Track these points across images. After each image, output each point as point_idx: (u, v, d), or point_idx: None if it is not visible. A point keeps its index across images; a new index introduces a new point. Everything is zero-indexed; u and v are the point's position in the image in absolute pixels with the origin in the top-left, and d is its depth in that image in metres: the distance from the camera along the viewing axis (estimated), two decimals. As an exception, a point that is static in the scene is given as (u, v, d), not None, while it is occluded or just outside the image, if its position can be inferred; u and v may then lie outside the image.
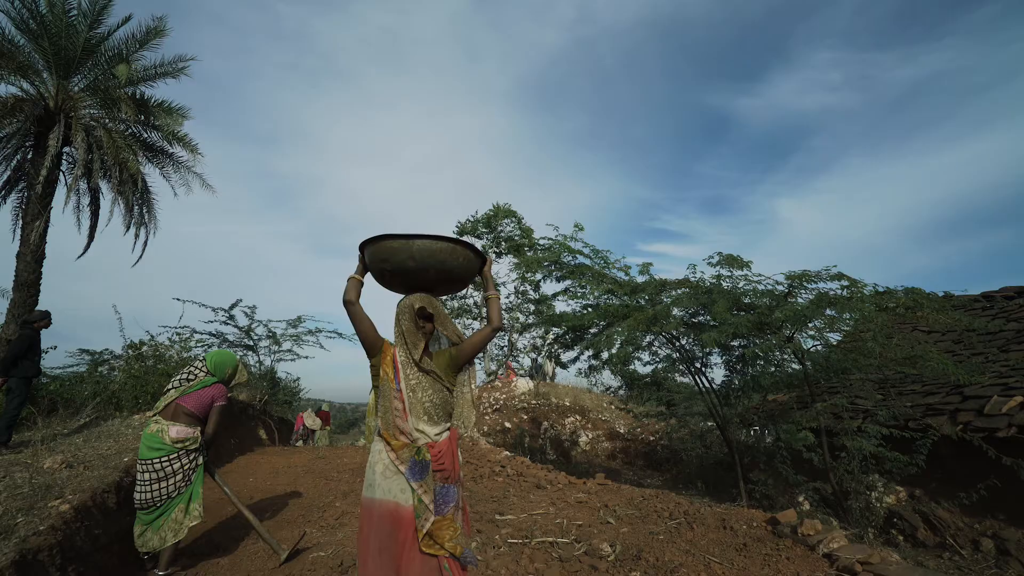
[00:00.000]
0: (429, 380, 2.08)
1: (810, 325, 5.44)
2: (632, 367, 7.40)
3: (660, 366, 7.11)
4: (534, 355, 19.68)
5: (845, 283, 4.94)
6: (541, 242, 7.05)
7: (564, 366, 11.15)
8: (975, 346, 7.51)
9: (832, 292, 5.03)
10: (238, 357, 3.87)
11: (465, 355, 2.17)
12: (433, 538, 1.96)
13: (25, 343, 5.90)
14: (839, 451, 5.67)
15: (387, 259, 2.10)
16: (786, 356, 5.89)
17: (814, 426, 5.50)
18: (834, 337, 6.09)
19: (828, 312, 4.93)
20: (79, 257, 10.00)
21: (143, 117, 9.07)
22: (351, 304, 2.12)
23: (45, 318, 6.19)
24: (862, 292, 4.95)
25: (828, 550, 3.15)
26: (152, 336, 9.48)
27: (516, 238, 18.66)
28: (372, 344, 2.12)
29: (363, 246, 2.17)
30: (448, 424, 2.15)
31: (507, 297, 19.66)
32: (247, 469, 6.89)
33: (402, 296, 2.20)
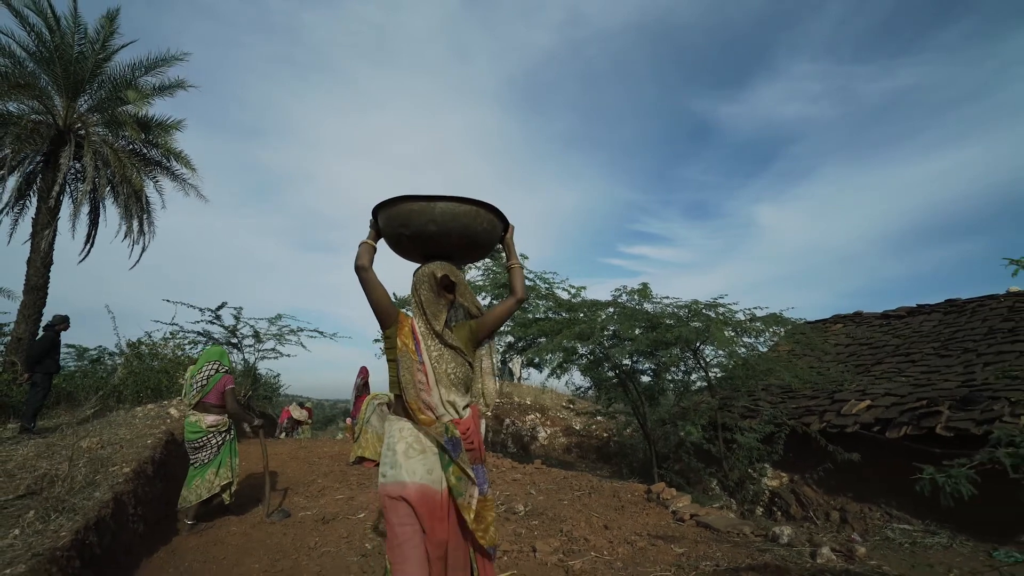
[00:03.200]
0: (451, 353, 1.95)
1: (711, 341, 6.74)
2: (602, 370, 8.59)
3: (624, 372, 8.29)
4: (505, 356, 20.83)
5: (712, 312, 6.27)
6: (493, 267, 8.25)
7: (537, 367, 12.30)
8: (863, 357, 9.01)
9: (714, 317, 6.35)
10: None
11: (487, 328, 2.04)
12: (479, 520, 1.85)
13: (47, 344, 6.85)
14: (733, 443, 7.01)
15: (406, 223, 1.94)
16: (691, 365, 7.21)
17: (704, 423, 6.81)
18: (742, 352, 7.46)
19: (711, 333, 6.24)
20: (80, 262, 10.83)
21: (144, 136, 9.96)
22: (364, 270, 1.95)
23: (64, 322, 7.13)
24: (724, 319, 6.28)
25: (675, 508, 4.42)
26: (149, 335, 10.40)
27: None
28: (387, 313, 1.95)
29: (377, 210, 2.02)
30: (469, 400, 2.03)
31: (484, 300, 20.69)
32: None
33: (419, 265, 2.06)
